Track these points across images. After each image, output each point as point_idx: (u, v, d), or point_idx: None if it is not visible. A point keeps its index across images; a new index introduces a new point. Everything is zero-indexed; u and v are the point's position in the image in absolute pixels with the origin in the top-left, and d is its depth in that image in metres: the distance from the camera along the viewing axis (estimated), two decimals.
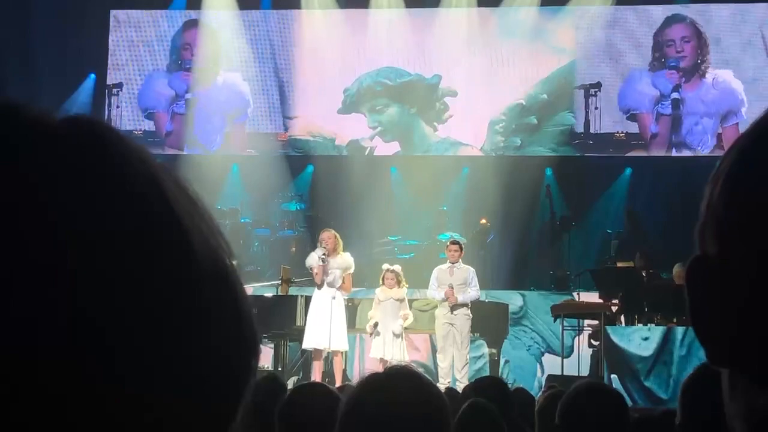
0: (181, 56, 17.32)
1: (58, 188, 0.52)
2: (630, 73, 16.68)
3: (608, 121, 16.65)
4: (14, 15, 16.45)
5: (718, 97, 16.53)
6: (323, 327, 10.66)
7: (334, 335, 10.69)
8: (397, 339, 10.98)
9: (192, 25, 17.23)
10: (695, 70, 16.72)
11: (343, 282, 10.90)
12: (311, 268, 10.97)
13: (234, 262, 0.58)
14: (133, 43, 17.27)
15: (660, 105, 16.68)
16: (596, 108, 16.60)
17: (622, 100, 16.65)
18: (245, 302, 0.58)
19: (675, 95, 16.95)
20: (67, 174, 0.53)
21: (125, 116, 17.15)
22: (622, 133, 16.65)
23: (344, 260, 10.93)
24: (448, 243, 11.85)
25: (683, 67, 16.71)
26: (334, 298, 10.76)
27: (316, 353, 10.86)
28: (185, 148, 17.03)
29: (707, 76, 16.71)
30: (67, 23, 16.65)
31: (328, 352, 10.94)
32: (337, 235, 11.07)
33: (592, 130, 16.62)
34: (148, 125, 17.30)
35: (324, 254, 10.79)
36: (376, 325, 11.06)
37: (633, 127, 16.68)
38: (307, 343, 10.83)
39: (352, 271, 11.01)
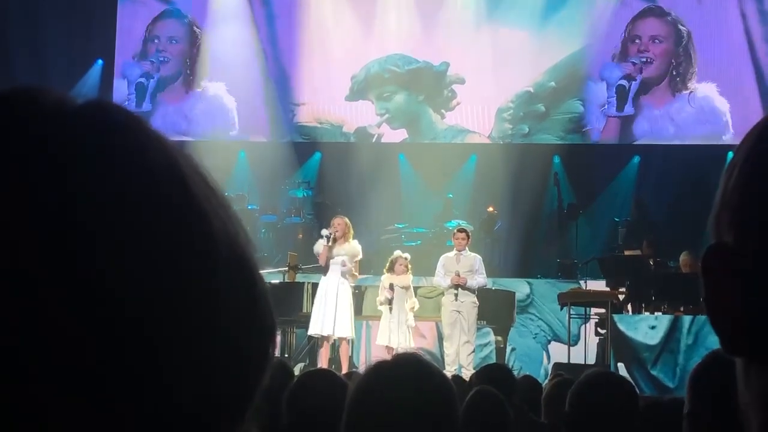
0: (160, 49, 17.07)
1: (79, 172, 0.52)
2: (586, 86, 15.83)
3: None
4: (22, 1, 16.46)
5: (693, 117, 15.28)
6: (328, 314, 10.67)
7: (339, 322, 10.69)
8: (404, 326, 10.99)
9: (199, 9, 17.16)
10: (663, 81, 15.46)
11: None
12: (318, 254, 10.99)
13: (251, 249, 0.58)
14: (141, 29, 17.22)
15: (607, 105, 15.77)
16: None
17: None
18: (263, 288, 0.58)
19: (622, 83, 15.33)
20: (87, 158, 0.53)
21: None
22: None
23: (352, 247, 10.93)
24: (456, 231, 11.82)
25: (647, 77, 15.46)
26: (341, 283, 10.76)
27: (323, 340, 10.87)
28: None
29: (683, 90, 15.32)
30: (75, 9, 16.64)
31: (335, 339, 10.95)
32: (349, 223, 11.06)
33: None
34: None
35: (329, 234, 10.79)
36: (390, 295, 10.98)
37: None
38: (312, 329, 10.85)
39: (359, 258, 11.02)
